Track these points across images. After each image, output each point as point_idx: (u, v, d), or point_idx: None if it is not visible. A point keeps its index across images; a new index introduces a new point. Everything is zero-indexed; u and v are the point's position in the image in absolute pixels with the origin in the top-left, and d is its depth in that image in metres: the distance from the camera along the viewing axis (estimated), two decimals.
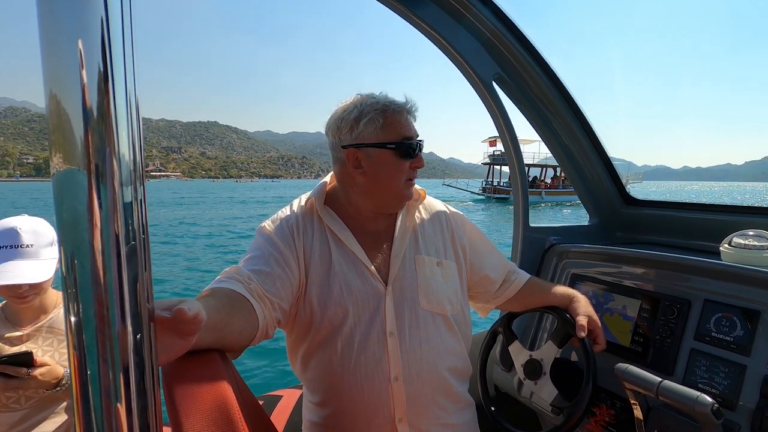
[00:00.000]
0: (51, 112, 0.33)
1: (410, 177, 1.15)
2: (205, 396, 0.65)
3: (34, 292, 1.37)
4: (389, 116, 1.10)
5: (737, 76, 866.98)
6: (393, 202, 1.17)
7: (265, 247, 1.08)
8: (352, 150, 1.10)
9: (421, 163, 1.15)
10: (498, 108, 1.62)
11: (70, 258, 0.34)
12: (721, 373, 1.15)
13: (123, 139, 0.35)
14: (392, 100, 1.12)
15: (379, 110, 1.09)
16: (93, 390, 0.36)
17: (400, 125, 1.10)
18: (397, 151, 1.10)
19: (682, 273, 1.34)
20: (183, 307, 0.60)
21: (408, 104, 1.14)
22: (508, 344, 1.38)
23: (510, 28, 1.53)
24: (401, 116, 1.11)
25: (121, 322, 0.36)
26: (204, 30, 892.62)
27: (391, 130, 1.10)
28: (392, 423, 1.05)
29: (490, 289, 1.34)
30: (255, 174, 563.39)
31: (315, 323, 1.07)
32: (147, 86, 58.27)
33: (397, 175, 1.12)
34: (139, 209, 0.37)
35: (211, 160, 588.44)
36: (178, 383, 0.67)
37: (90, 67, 0.33)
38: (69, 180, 0.34)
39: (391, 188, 1.13)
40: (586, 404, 1.14)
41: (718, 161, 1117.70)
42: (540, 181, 40.42)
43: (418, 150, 1.13)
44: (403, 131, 1.11)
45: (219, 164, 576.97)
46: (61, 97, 0.33)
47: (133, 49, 0.37)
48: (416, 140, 1.13)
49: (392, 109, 1.10)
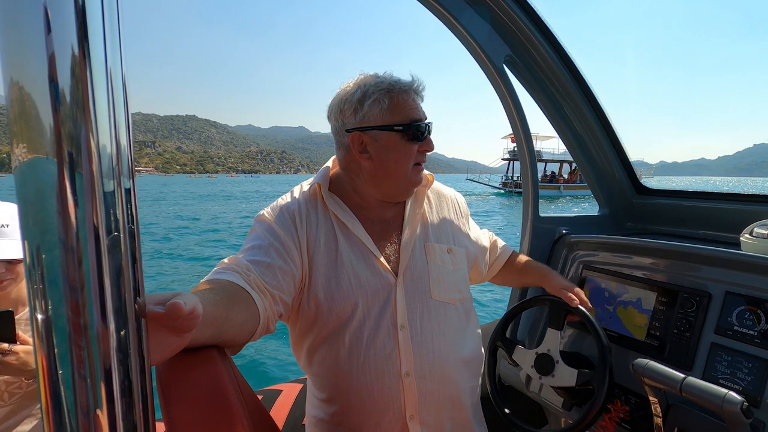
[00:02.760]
0: (12, 100, 0.29)
1: (418, 161, 1.09)
2: (203, 395, 0.61)
3: (11, 277, 1.33)
4: (395, 96, 1.04)
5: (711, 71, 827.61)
6: (401, 188, 1.11)
7: (265, 237, 1.01)
8: (357, 134, 1.04)
9: (430, 146, 1.10)
10: (509, 92, 1.56)
11: (35, 251, 0.30)
12: (744, 369, 1.10)
13: (103, 123, 0.31)
14: (398, 79, 1.06)
15: (384, 90, 1.03)
16: (66, 396, 0.31)
17: (407, 106, 1.04)
18: (405, 133, 1.04)
19: (701, 264, 1.29)
20: (178, 302, 0.54)
21: (415, 83, 1.07)
22: (511, 354, 1.34)
23: (523, 7, 1.46)
24: (408, 96, 1.05)
25: (100, 319, 0.32)
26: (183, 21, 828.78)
27: (398, 112, 1.04)
28: (403, 420, 1.00)
29: (482, 270, 1.37)
30: (232, 169, 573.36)
31: (321, 317, 1.01)
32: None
33: (405, 160, 1.06)
34: (124, 199, 0.33)
35: (187, 154, 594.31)
36: (174, 383, 0.62)
37: (60, 40, 0.28)
38: (35, 169, 0.29)
39: (398, 174, 1.07)
40: (603, 399, 1.10)
41: (693, 156, 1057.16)
42: (559, 176, 42.84)
43: (427, 133, 1.07)
44: (411, 113, 1.05)
45: (195, 159, 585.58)
46: (24, 80, 0.28)
47: (119, 17, 0.31)
48: (425, 122, 1.07)
49: (398, 88, 1.04)
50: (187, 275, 9.06)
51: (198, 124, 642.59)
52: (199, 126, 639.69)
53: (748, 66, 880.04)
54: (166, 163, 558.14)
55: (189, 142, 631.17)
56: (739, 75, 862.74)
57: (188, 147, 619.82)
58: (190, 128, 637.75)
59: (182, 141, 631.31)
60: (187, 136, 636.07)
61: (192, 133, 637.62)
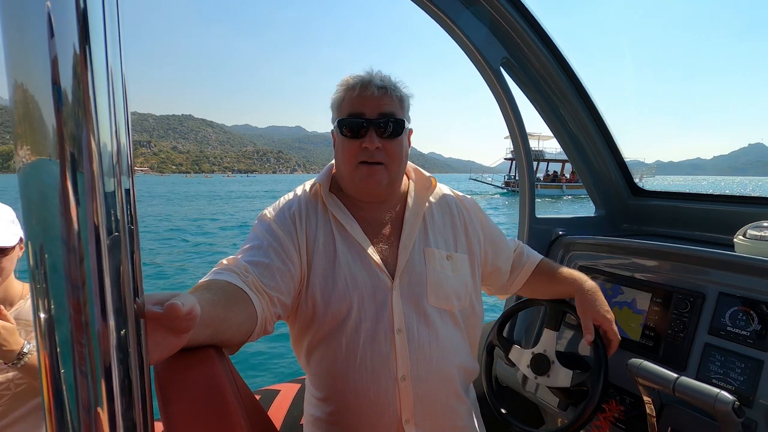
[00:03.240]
0: (16, 102, 0.29)
1: (363, 159, 1.03)
2: (200, 395, 0.61)
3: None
4: (345, 92, 1.04)
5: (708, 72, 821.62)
6: (354, 188, 1.08)
7: (264, 237, 1.01)
8: (333, 131, 1.08)
9: (369, 143, 1.00)
10: (505, 94, 1.57)
11: (39, 250, 0.31)
12: (737, 369, 1.11)
13: (104, 123, 0.31)
14: (356, 75, 1.04)
15: (343, 86, 1.04)
16: (68, 393, 0.32)
17: (350, 101, 1.02)
18: (341, 129, 1.03)
19: (695, 265, 1.30)
20: (176, 302, 0.54)
21: (367, 78, 1.02)
22: (507, 353, 1.35)
23: (519, 11, 1.47)
24: (353, 92, 1.02)
25: (101, 318, 0.32)
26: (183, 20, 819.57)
27: (343, 107, 1.04)
28: (398, 423, 1.01)
29: (501, 280, 1.30)
30: (228, 169, 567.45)
31: (318, 317, 1.02)
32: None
33: (345, 158, 1.04)
34: (124, 199, 0.34)
35: (182, 154, 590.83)
36: (172, 382, 0.62)
37: (62, 43, 0.29)
38: (38, 170, 0.30)
39: (345, 171, 1.07)
40: (598, 399, 1.11)
41: (689, 156, 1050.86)
42: (561, 175, 43.34)
43: (367, 128, 1.00)
44: (349, 108, 1.02)
45: (191, 159, 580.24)
46: (28, 83, 0.29)
47: (119, 21, 0.32)
48: (366, 118, 1.01)
49: (350, 84, 1.03)
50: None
51: (194, 123, 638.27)
52: (196, 126, 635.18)
53: (745, 67, 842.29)
54: (161, 163, 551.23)
55: (185, 142, 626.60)
56: (736, 76, 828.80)
57: (184, 147, 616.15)
58: (186, 128, 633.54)
59: (178, 141, 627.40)
60: (183, 136, 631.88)
61: (188, 132, 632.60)
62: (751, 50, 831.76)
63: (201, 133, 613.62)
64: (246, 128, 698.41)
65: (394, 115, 1.03)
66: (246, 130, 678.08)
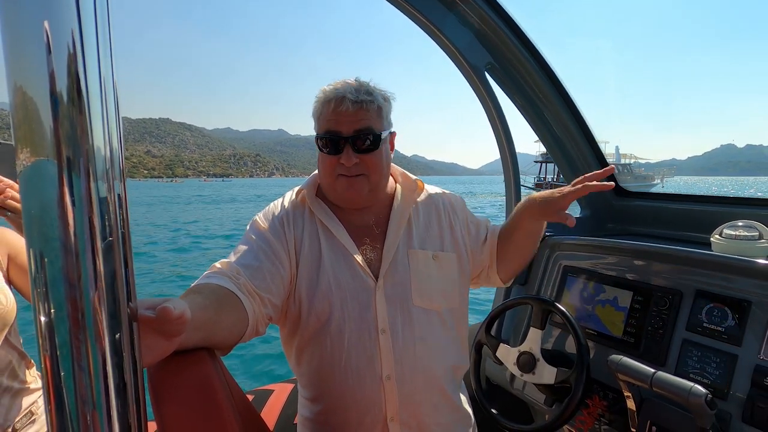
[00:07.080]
0: (16, 105, 0.31)
1: (342, 173, 1.04)
2: (193, 396, 0.63)
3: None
4: (322, 106, 1.04)
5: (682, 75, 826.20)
6: (335, 198, 1.12)
7: (254, 241, 1.05)
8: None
9: (346, 160, 1.02)
10: (490, 98, 1.60)
11: (39, 255, 0.32)
12: (712, 363, 1.16)
13: (97, 128, 0.33)
14: (333, 86, 1.04)
15: (320, 98, 1.05)
16: (68, 394, 0.34)
17: (325, 117, 1.03)
18: (319, 144, 1.05)
19: (674, 264, 1.34)
20: (167, 306, 0.56)
21: (341, 92, 1.00)
22: (495, 351, 1.38)
23: (503, 17, 1.51)
24: (329, 107, 1.02)
25: (98, 321, 0.34)
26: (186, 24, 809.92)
27: (320, 122, 1.05)
28: (384, 422, 1.04)
29: (485, 263, 1.30)
30: (203, 173, 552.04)
31: (303, 318, 1.05)
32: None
33: (326, 171, 1.07)
34: (117, 203, 0.35)
35: (156, 158, 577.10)
36: (165, 384, 0.64)
37: (58, 50, 0.31)
38: (37, 173, 0.32)
39: (326, 183, 1.09)
40: (580, 394, 1.14)
41: (665, 156, 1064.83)
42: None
43: (343, 145, 1.01)
44: (326, 125, 1.03)
45: (164, 163, 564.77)
46: (27, 87, 0.31)
47: (110, 29, 0.34)
48: (343, 136, 1.01)
49: (327, 97, 1.03)
50: None
51: (171, 127, 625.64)
52: (173, 129, 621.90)
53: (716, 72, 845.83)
54: (132, 168, 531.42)
55: (161, 146, 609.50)
56: (707, 80, 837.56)
57: (159, 151, 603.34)
58: (163, 132, 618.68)
59: (153, 145, 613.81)
60: (159, 140, 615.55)
61: (165, 136, 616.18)
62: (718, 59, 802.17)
63: (179, 136, 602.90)
64: (227, 132, 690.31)
65: (371, 129, 1.02)
66: (227, 133, 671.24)
